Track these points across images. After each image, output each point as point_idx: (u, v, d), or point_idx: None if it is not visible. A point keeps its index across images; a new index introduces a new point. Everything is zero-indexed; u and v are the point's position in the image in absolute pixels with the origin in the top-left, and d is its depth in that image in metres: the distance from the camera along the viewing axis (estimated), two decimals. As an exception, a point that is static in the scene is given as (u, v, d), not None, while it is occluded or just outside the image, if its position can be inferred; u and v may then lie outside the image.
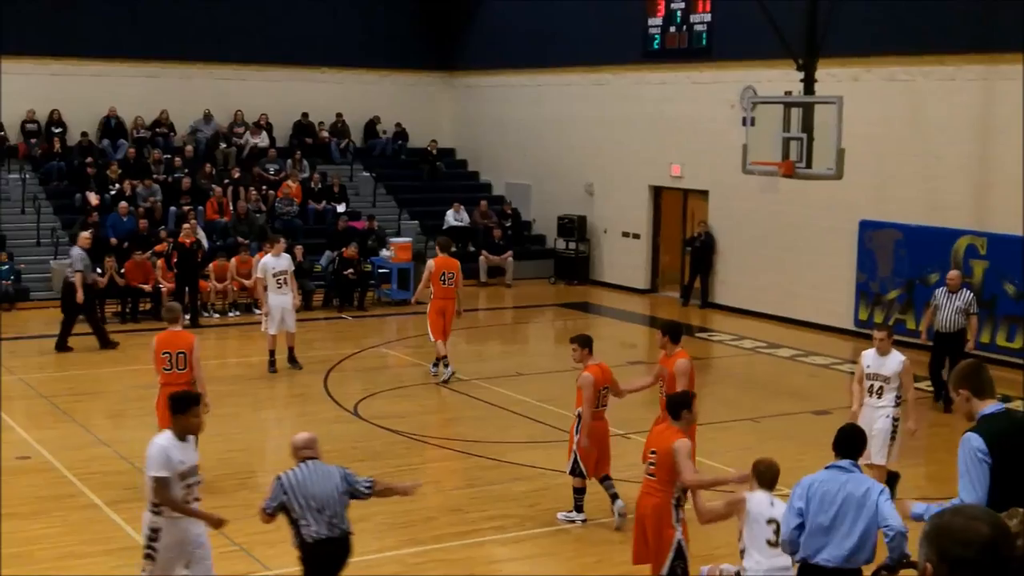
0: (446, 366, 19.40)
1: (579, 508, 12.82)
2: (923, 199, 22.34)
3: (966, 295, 17.92)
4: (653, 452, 10.12)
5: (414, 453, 15.56)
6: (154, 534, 9.13)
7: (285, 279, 19.74)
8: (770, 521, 9.11)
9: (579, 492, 12.77)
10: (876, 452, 12.81)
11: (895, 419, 13.10)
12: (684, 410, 10.16)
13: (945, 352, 17.93)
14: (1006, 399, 17.21)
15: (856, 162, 19.77)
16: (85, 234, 22.44)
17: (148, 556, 9.19)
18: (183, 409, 9.32)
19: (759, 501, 9.26)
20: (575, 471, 12.62)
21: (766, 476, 9.38)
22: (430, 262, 20.02)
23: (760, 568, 9.12)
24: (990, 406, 7.15)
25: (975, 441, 6.96)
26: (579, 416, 12.48)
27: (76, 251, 21.59)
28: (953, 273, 18.34)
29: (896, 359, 13.14)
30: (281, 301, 19.64)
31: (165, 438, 9.21)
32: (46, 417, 16.99)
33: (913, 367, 13.43)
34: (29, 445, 15.28)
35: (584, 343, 12.65)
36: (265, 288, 19.76)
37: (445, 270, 19.54)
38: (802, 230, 24.61)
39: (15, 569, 11.20)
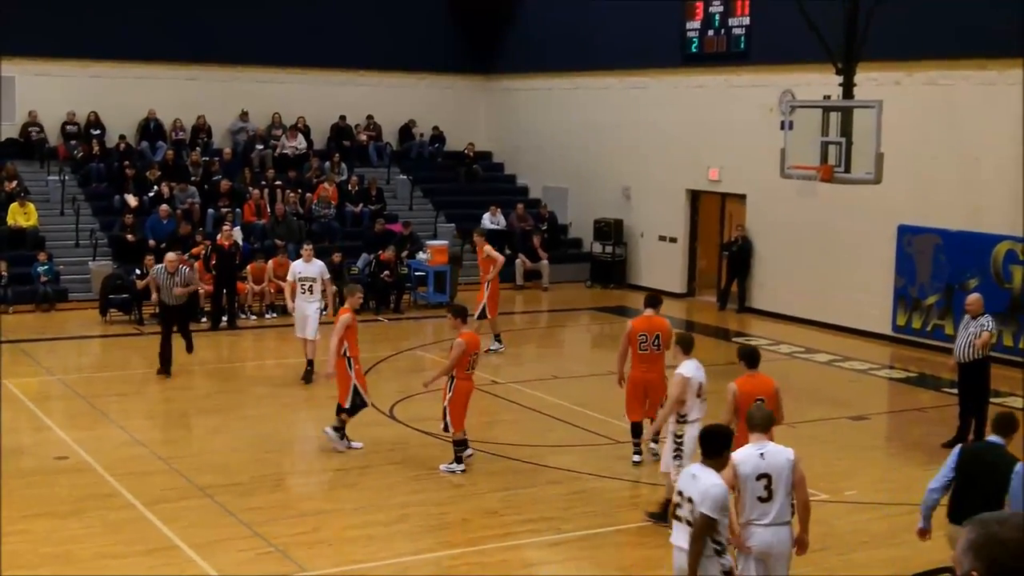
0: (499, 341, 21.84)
1: (459, 460, 14.45)
2: (963, 204, 22.17)
3: (984, 320, 15.71)
4: (760, 400, 11.01)
5: (450, 456, 15.52)
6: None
7: (310, 286, 19.41)
8: (760, 477, 8.92)
9: (459, 445, 14.41)
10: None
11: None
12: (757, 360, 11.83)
13: (966, 388, 16.03)
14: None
15: (895, 167, 19.61)
16: (171, 256, 19.92)
17: None
18: (721, 451, 8.72)
19: (748, 457, 9.00)
20: (448, 428, 14.28)
21: (756, 419, 9.31)
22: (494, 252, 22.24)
23: (757, 526, 8.95)
24: (993, 437, 9.99)
25: (956, 449, 10.10)
26: (452, 377, 14.08)
27: (155, 268, 20.60)
28: (971, 297, 16.26)
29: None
30: (303, 308, 19.33)
31: (721, 478, 8.58)
32: (84, 417, 17.08)
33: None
34: (67, 445, 15.37)
35: (456, 313, 14.59)
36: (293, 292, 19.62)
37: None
38: (840, 234, 24.47)
39: (54, 567, 11.28)
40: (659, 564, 11.86)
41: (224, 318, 24.09)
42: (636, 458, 14.72)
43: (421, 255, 27.71)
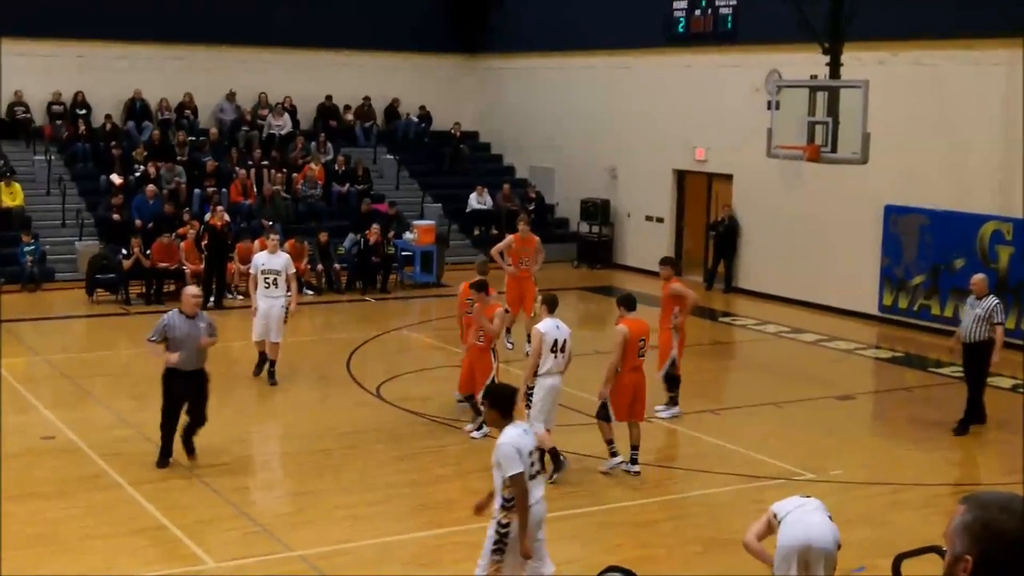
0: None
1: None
2: (949, 184, 22.21)
3: (988, 302, 15.59)
4: (643, 340, 13.43)
5: (436, 436, 15.54)
6: None
7: (275, 279, 17.46)
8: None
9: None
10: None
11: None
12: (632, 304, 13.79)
13: (970, 368, 15.93)
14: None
15: (882, 147, 19.64)
16: (192, 291, 14.19)
17: None
18: (511, 410, 9.24)
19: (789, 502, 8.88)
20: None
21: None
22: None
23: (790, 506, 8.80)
24: None
25: None
26: (494, 349, 15.24)
27: (168, 316, 14.31)
28: (977, 277, 16.08)
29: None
30: (267, 304, 17.44)
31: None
32: (70, 398, 17.07)
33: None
34: (54, 425, 15.36)
35: (481, 287, 14.92)
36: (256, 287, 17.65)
37: None
38: (827, 214, 24.50)
39: (40, 548, 11.27)
40: (645, 543, 11.91)
41: (211, 298, 24.05)
42: None
43: (407, 235, 27.71)
